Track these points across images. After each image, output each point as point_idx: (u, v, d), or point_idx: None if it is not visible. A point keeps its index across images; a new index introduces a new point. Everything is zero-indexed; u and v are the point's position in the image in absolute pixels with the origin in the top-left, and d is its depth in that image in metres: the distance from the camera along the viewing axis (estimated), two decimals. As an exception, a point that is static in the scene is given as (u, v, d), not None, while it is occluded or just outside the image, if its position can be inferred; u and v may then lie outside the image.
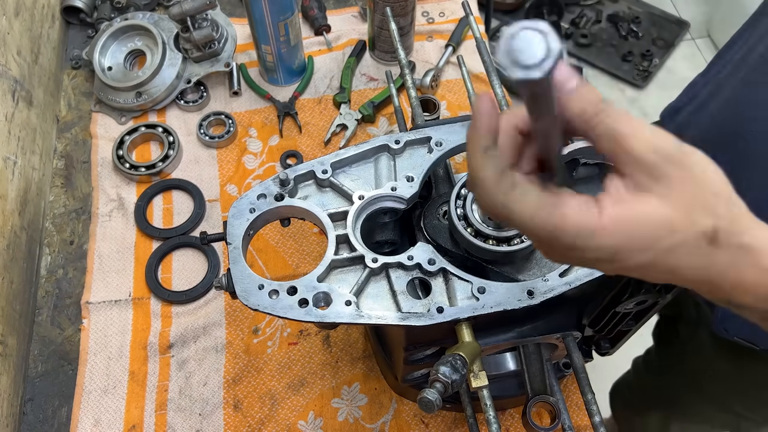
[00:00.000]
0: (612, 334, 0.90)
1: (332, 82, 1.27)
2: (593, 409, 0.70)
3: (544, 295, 0.66)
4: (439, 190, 0.82)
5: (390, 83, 0.98)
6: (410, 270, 0.69)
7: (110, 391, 0.97)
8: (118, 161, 1.14)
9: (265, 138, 1.20)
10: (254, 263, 1.07)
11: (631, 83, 2.67)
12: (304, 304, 0.66)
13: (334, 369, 0.99)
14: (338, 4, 1.39)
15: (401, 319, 0.66)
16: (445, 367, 0.59)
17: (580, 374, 0.73)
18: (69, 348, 1.01)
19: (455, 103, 1.25)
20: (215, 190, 1.15)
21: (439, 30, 1.34)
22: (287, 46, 1.18)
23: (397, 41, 0.93)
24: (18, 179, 1.04)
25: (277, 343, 1.01)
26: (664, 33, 2.81)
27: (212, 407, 0.96)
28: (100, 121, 1.21)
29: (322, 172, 0.73)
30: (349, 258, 0.69)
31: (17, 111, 1.08)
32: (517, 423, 0.95)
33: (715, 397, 1.10)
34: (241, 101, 1.25)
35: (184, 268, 1.07)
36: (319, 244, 1.09)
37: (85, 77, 1.27)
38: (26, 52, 1.14)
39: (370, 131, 1.22)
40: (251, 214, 0.71)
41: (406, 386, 0.90)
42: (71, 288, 1.06)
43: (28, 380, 0.98)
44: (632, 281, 0.74)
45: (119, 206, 1.12)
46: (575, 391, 0.96)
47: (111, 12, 1.32)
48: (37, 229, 1.09)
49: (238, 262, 0.68)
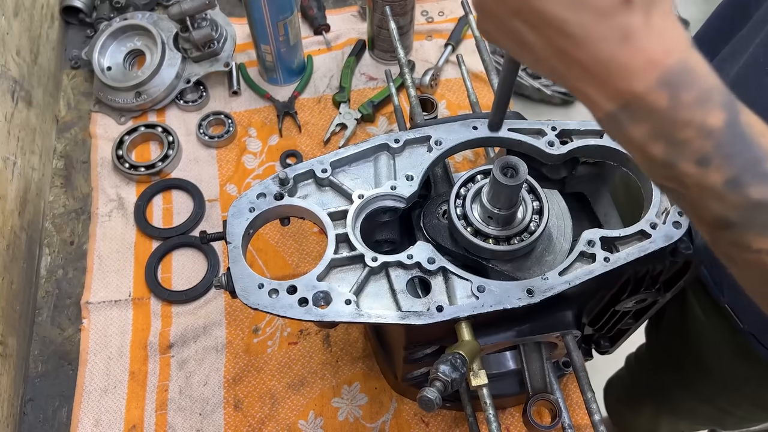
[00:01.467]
0: (612, 332, 0.90)
1: (332, 82, 1.27)
2: (593, 408, 0.70)
3: (543, 293, 0.67)
4: (438, 190, 0.82)
5: (389, 82, 0.98)
6: (410, 269, 0.69)
7: (110, 391, 0.97)
8: (117, 161, 1.14)
9: (264, 137, 1.20)
10: (254, 262, 1.07)
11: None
12: (303, 303, 0.66)
13: (334, 368, 0.99)
14: (337, 4, 1.39)
15: (401, 318, 0.66)
16: (445, 366, 0.59)
17: (580, 373, 0.73)
18: (69, 348, 1.01)
19: (455, 102, 1.25)
20: (215, 190, 1.15)
21: (438, 29, 1.34)
22: (286, 45, 1.18)
23: (396, 40, 0.93)
24: (17, 179, 1.04)
25: (278, 342, 1.01)
26: (663, 32, 2.81)
27: (212, 407, 0.96)
28: (100, 121, 1.21)
29: (321, 171, 0.73)
30: (348, 257, 0.69)
31: (17, 111, 1.08)
32: (517, 422, 0.95)
33: (703, 392, 1.12)
34: (241, 101, 1.25)
35: (184, 267, 1.07)
36: (319, 244, 1.09)
37: (85, 77, 1.27)
38: (25, 52, 1.14)
39: (370, 130, 1.22)
40: (251, 213, 0.71)
41: (406, 385, 0.90)
42: (71, 288, 1.06)
43: (28, 380, 0.98)
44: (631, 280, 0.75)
45: (119, 206, 1.12)
46: (575, 389, 0.96)
47: (110, 12, 1.32)
48: (37, 230, 1.09)
49: (238, 261, 0.68)
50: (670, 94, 0.40)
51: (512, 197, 0.67)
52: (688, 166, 0.41)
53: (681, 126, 0.40)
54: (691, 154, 0.41)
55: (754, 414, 1.10)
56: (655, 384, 1.29)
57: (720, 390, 1.08)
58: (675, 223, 0.68)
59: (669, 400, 1.26)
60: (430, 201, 0.77)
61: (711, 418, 1.23)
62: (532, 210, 0.71)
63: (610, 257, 0.68)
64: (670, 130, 0.41)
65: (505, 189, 0.64)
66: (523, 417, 0.78)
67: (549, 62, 0.43)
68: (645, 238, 0.69)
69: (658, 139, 0.41)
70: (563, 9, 0.39)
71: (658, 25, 0.39)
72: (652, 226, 0.69)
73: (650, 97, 0.40)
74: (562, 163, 0.76)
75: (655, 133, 0.41)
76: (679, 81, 0.39)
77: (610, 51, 0.40)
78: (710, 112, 0.40)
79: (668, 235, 0.68)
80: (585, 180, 0.81)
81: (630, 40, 0.39)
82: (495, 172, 0.63)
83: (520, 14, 0.42)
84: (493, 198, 0.68)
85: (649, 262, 0.70)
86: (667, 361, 1.21)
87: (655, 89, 0.40)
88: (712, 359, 1.04)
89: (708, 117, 0.40)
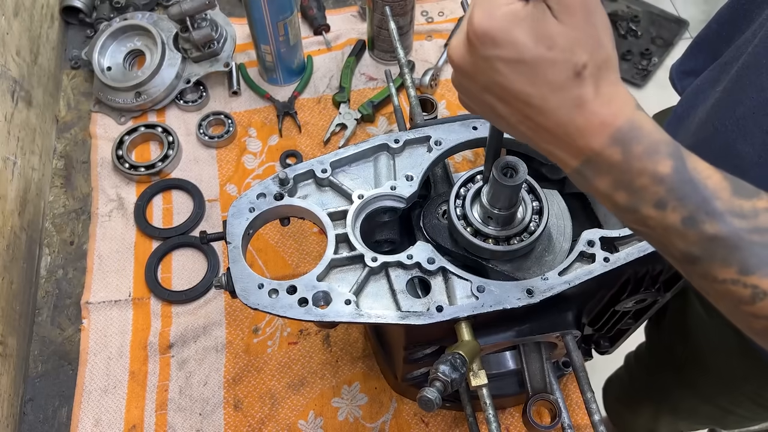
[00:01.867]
0: (611, 332, 0.90)
1: (331, 82, 1.27)
2: (593, 408, 0.70)
3: (543, 293, 0.67)
4: (438, 190, 0.82)
5: (389, 83, 0.98)
6: (410, 269, 0.69)
7: (110, 391, 0.97)
8: (117, 161, 1.14)
9: (264, 138, 1.20)
10: (254, 263, 1.07)
11: (630, 82, 2.67)
12: (303, 303, 0.66)
13: (334, 368, 0.99)
14: (337, 4, 1.39)
15: (401, 318, 0.66)
16: (445, 366, 0.59)
17: (580, 373, 0.73)
18: (69, 348, 1.01)
19: (455, 103, 1.25)
20: (215, 190, 1.15)
21: (438, 29, 1.34)
22: (286, 45, 1.18)
23: (396, 41, 0.93)
24: (17, 179, 1.04)
25: (277, 342, 1.01)
26: (663, 32, 2.81)
27: (212, 407, 0.96)
28: (100, 121, 1.21)
29: (321, 171, 0.73)
30: (348, 257, 0.69)
31: (17, 111, 1.08)
32: (516, 422, 0.95)
33: (703, 391, 1.12)
34: (241, 101, 1.25)
35: (184, 267, 1.07)
36: (319, 244, 1.09)
37: (85, 77, 1.27)
38: (25, 52, 1.14)
39: (370, 130, 1.22)
40: (251, 213, 0.71)
41: (406, 385, 0.90)
42: (71, 288, 1.06)
43: (28, 380, 0.98)
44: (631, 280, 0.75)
45: (119, 206, 1.12)
46: (574, 389, 0.96)
47: (110, 12, 1.32)
48: (37, 230, 1.09)
49: (238, 261, 0.68)
50: (622, 149, 0.46)
51: (512, 197, 0.67)
52: (649, 209, 0.47)
53: (636, 175, 0.46)
54: (649, 199, 0.46)
55: (755, 413, 1.10)
56: (655, 383, 1.29)
57: (721, 389, 1.08)
58: (675, 223, 0.68)
59: (669, 400, 1.26)
60: (429, 201, 0.77)
61: (711, 417, 1.23)
62: (532, 210, 0.71)
63: (610, 257, 0.68)
64: (629, 179, 0.47)
65: (505, 189, 0.64)
66: (522, 417, 0.78)
67: (518, 128, 0.50)
68: (645, 238, 0.69)
69: (620, 188, 0.47)
70: (525, 85, 0.46)
71: (607, 93, 0.46)
72: (652, 226, 0.69)
73: (606, 153, 0.46)
74: (562, 163, 0.76)
75: (616, 183, 0.47)
76: (629, 137, 0.46)
77: (568, 116, 0.46)
78: (659, 161, 0.46)
79: (668, 235, 0.68)
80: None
81: (583, 106, 0.46)
82: (495, 172, 0.63)
83: (490, 90, 0.49)
84: (493, 198, 0.68)
85: (649, 262, 0.70)
86: (668, 359, 1.21)
87: (609, 146, 0.46)
88: (713, 357, 1.04)
89: (658, 165, 0.46)
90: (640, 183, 0.46)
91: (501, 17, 0.45)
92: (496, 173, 0.63)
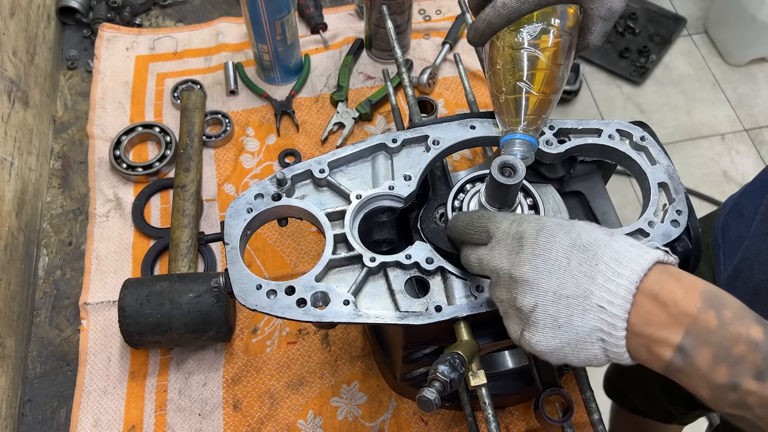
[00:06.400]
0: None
1: (329, 81, 1.27)
2: (592, 407, 0.70)
3: (542, 293, 0.66)
4: (436, 189, 0.82)
5: (387, 81, 0.98)
6: (408, 269, 0.69)
7: (110, 391, 0.97)
8: (115, 161, 1.14)
9: (262, 137, 1.20)
10: (252, 263, 1.07)
11: (628, 80, 2.67)
12: (302, 304, 0.66)
13: (333, 368, 0.99)
14: (334, 3, 1.38)
15: (399, 318, 0.66)
16: (444, 366, 0.59)
17: (579, 372, 0.73)
18: (67, 349, 1.01)
19: (452, 101, 1.25)
20: (213, 190, 1.15)
21: (435, 28, 1.34)
22: (284, 44, 1.18)
23: (393, 39, 0.93)
24: (15, 180, 1.04)
25: (276, 342, 1.01)
26: (660, 29, 2.81)
27: (212, 407, 0.96)
28: (97, 121, 1.21)
29: (319, 171, 0.73)
30: (347, 257, 0.69)
31: (13, 112, 1.07)
32: (516, 421, 0.95)
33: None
34: (238, 100, 1.24)
35: (182, 268, 1.07)
36: (317, 244, 1.09)
37: (82, 77, 1.27)
38: (22, 52, 1.13)
39: (368, 129, 1.22)
40: (248, 214, 0.71)
41: (405, 385, 0.90)
42: (69, 289, 1.06)
43: (26, 381, 0.98)
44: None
45: (116, 206, 1.12)
46: (573, 388, 0.96)
47: (107, 12, 1.31)
48: (35, 230, 1.09)
49: (236, 262, 0.68)
50: (716, 313, 0.44)
51: (510, 196, 0.67)
52: (749, 382, 0.43)
53: (734, 342, 0.43)
54: (749, 369, 0.43)
55: None
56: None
57: None
58: (673, 222, 0.68)
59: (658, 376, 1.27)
60: (427, 204, 0.77)
61: None
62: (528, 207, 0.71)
63: (609, 256, 0.68)
64: (728, 347, 0.44)
65: (504, 188, 0.64)
66: (534, 412, 0.78)
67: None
68: (643, 237, 0.69)
69: (720, 361, 0.44)
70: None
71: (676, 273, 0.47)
72: (650, 225, 0.69)
73: (702, 317, 0.44)
74: (560, 162, 0.76)
75: (716, 355, 0.44)
76: (716, 302, 0.44)
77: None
78: (749, 326, 0.44)
79: (666, 234, 0.68)
80: (583, 179, 0.81)
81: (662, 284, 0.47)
82: (493, 171, 0.63)
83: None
84: (491, 197, 0.68)
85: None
86: None
87: (704, 308, 0.44)
88: None
89: (750, 331, 0.43)
90: (738, 351, 0.43)
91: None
92: (495, 172, 0.63)
